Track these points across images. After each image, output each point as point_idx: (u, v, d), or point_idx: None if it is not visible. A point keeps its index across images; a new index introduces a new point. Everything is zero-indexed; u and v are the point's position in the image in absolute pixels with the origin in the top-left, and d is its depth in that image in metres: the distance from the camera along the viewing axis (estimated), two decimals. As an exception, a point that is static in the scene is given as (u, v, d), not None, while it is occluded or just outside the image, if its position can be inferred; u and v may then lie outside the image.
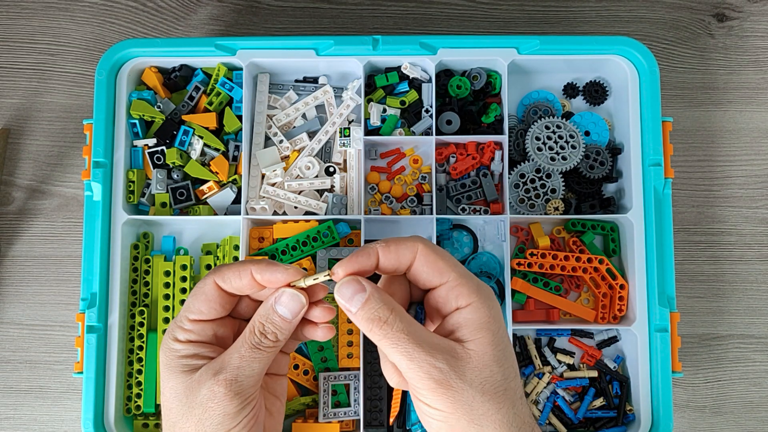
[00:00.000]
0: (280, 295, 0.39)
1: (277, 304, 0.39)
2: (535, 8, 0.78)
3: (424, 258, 0.38)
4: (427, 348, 0.36)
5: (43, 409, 0.72)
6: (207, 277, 0.39)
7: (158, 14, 0.77)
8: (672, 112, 0.76)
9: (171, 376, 0.38)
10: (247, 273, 0.38)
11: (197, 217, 0.68)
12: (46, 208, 0.75)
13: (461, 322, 0.37)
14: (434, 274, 0.38)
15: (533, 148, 0.69)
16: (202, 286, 0.39)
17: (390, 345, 0.36)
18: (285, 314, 0.38)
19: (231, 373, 0.37)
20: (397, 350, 0.36)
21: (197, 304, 0.39)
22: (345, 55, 0.68)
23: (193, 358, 0.39)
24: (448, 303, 0.38)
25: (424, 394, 0.36)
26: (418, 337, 0.36)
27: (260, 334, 0.38)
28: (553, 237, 0.71)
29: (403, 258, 0.38)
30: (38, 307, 0.74)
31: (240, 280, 0.39)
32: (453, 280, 0.38)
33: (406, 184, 0.71)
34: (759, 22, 0.78)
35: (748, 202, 0.75)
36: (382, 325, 0.36)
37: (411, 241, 0.38)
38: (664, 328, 0.64)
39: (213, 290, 0.39)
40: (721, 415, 0.73)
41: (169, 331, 0.40)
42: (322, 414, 0.64)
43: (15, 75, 0.77)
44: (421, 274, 0.38)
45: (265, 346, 0.38)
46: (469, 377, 0.36)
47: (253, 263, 0.39)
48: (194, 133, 0.69)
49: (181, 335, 0.39)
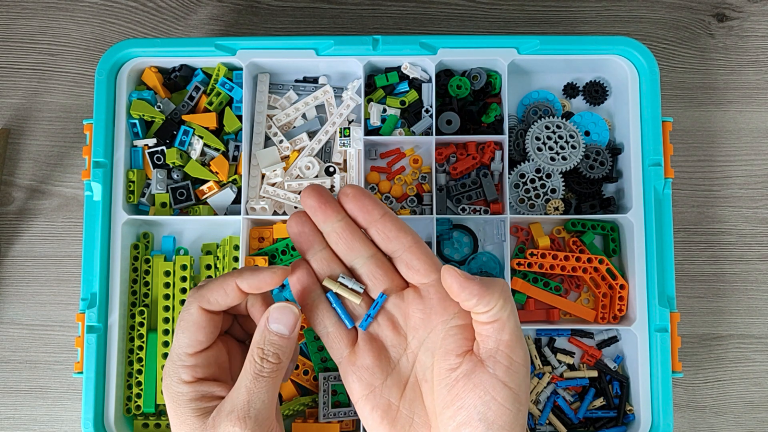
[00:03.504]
0: (270, 312, 0.37)
1: (271, 323, 0.37)
2: (535, 8, 0.78)
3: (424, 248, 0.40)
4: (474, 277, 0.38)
5: (43, 409, 0.72)
6: (189, 306, 0.37)
7: (158, 14, 0.77)
8: (672, 112, 0.76)
9: (184, 423, 0.37)
10: (231, 286, 0.37)
11: (197, 217, 0.68)
12: (46, 208, 0.75)
13: None
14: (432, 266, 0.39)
15: (533, 148, 0.69)
16: (189, 317, 0.37)
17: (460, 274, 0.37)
18: (281, 330, 0.37)
19: (242, 411, 0.36)
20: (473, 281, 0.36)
21: (192, 335, 0.37)
22: (345, 55, 0.68)
23: (203, 401, 0.37)
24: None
25: (498, 301, 0.36)
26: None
27: (261, 360, 0.37)
28: (553, 237, 0.71)
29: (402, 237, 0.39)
30: (38, 307, 0.74)
31: (226, 297, 0.37)
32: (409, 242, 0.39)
33: (406, 184, 0.71)
34: (759, 22, 0.78)
35: (748, 202, 0.75)
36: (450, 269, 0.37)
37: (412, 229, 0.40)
38: (664, 328, 0.64)
39: (201, 316, 0.37)
40: (721, 415, 0.73)
41: (170, 372, 0.38)
42: (322, 414, 0.64)
43: (15, 75, 0.77)
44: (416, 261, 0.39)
45: (269, 371, 0.36)
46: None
47: (234, 274, 0.37)
48: (194, 133, 0.69)
49: (186, 374, 0.37)
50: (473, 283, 0.36)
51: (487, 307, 0.36)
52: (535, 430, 0.68)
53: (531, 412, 0.68)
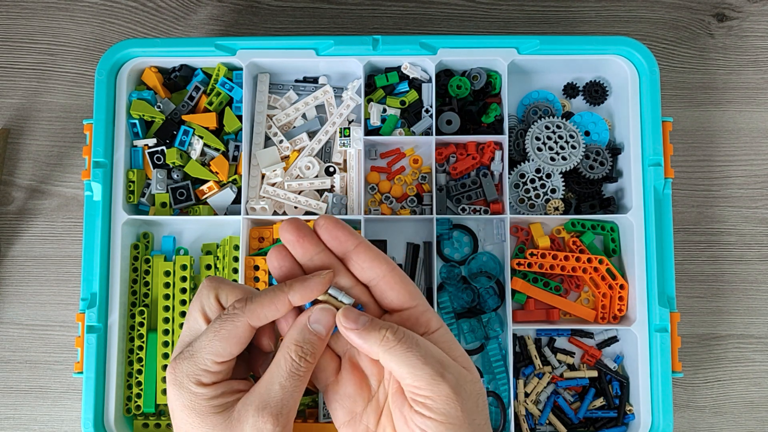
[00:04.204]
0: (312, 312, 0.37)
1: (312, 322, 0.37)
2: (535, 8, 0.78)
3: (399, 277, 0.38)
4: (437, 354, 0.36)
5: (43, 409, 0.72)
6: (236, 318, 0.36)
7: (158, 14, 0.77)
8: (672, 112, 0.76)
9: (203, 421, 0.36)
10: (283, 301, 0.37)
11: (197, 217, 0.68)
12: (46, 208, 0.75)
13: (439, 340, 0.38)
14: (405, 295, 0.38)
15: (533, 148, 0.69)
16: (234, 330, 0.36)
17: (405, 350, 0.36)
18: (320, 331, 0.37)
19: (276, 408, 0.36)
20: (412, 354, 0.35)
21: (230, 347, 0.36)
22: (345, 55, 0.68)
23: (222, 397, 0.37)
24: (419, 325, 0.38)
25: (437, 404, 0.35)
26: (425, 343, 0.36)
27: (299, 358, 0.37)
28: (553, 237, 0.71)
29: (376, 265, 0.38)
30: (38, 307, 0.74)
31: (276, 312, 0.37)
32: (422, 306, 0.38)
33: (406, 184, 0.71)
34: (759, 22, 0.78)
35: (748, 202, 0.75)
36: (395, 332, 0.36)
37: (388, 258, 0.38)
38: (664, 328, 0.64)
39: (246, 331, 0.37)
40: (721, 415, 0.73)
41: (188, 373, 0.37)
42: (322, 414, 0.64)
43: (15, 75, 0.77)
44: (390, 291, 0.38)
45: (304, 371, 0.37)
46: (469, 388, 0.36)
47: (284, 288, 0.37)
48: (194, 133, 0.69)
49: (207, 378, 0.36)
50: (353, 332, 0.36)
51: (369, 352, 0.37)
52: (535, 430, 0.68)
53: (531, 412, 0.68)
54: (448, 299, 0.68)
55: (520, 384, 0.68)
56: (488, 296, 0.69)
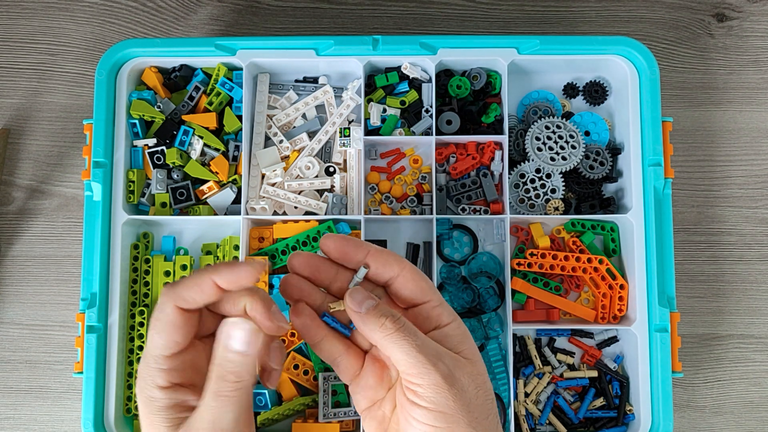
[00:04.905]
0: (225, 328, 0.35)
1: (227, 340, 0.35)
2: (535, 8, 0.78)
3: (410, 275, 0.39)
4: (434, 346, 0.37)
5: (43, 409, 0.72)
6: (163, 305, 0.35)
7: (158, 14, 0.77)
8: (672, 112, 0.76)
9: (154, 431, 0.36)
10: (208, 283, 0.35)
11: (197, 217, 0.68)
12: (46, 208, 0.75)
13: (449, 334, 0.38)
14: (417, 292, 0.39)
15: (533, 148, 0.69)
16: (164, 317, 0.35)
17: (401, 338, 0.36)
18: (240, 348, 0.35)
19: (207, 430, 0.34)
20: (407, 342, 0.36)
21: (168, 336, 0.35)
22: (345, 55, 0.68)
23: (176, 410, 0.36)
24: (430, 320, 0.39)
25: (426, 392, 0.36)
26: (423, 336, 0.37)
27: (219, 379, 0.35)
28: (553, 237, 0.71)
29: (389, 268, 0.39)
30: (38, 307, 0.74)
31: (202, 294, 0.35)
32: (435, 301, 0.39)
33: (406, 184, 0.71)
34: (759, 22, 0.78)
35: (748, 202, 0.75)
36: (395, 320, 0.36)
37: (401, 258, 0.39)
38: (664, 328, 0.64)
39: (177, 316, 0.35)
40: (721, 415, 0.73)
41: (144, 375, 0.36)
42: (322, 414, 0.64)
43: (15, 75, 0.77)
44: (404, 290, 0.39)
45: (230, 391, 0.35)
46: (466, 380, 0.37)
47: (210, 270, 0.35)
48: (194, 133, 0.69)
49: (161, 378, 0.35)
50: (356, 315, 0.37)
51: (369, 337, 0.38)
52: (535, 430, 0.68)
53: (531, 412, 0.68)
54: (448, 299, 0.68)
55: (520, 384, 0.68)
56: (488, 296, 0.69)
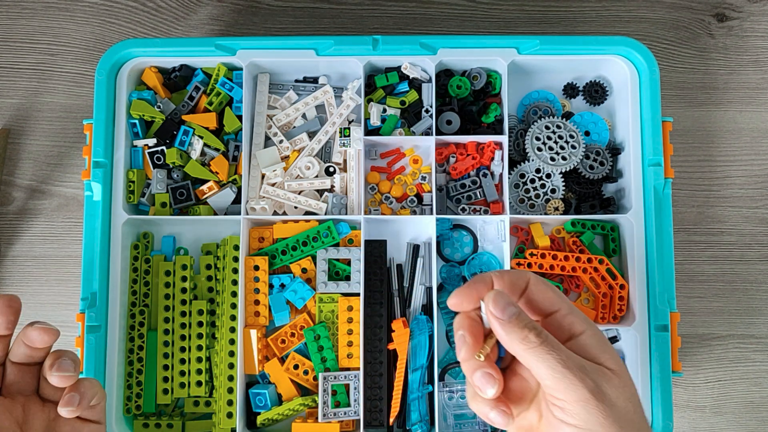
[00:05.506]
0: None
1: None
2: (535, 8, 0.78)
3: (536, 286, 0.39)
4: (577, 359, 0.36)
5: (43, 409, 0.72)
6: None
7: (158, 14, 0.77)
8: (672, 112, 0.76)
9: None
10: None
11: (197, 217, 0.68)
12: (46, 208, 0.75)
13: (586, 343, 0.38)
14: (545, 302, 0.39)
15: (533, 148, 0.69)
16: None
17: (545, 352, 0.36)
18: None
19: None
20: (552, 357, 0.35)
21: None
22: (345, 55, 0.68)
23: None
24: (562, 330, 0.38)
25: (574, 408, 0.35)
26: (566, 350, 0.36)
27: None
28: (553, 237, 0.71)
29: (515, 286, 0.39)
30: (38, 307, 0.74)
31: None
32: (564, 309, 0.39)
33: (406, 184, 0.71)
34: (759, 22, 0.78)
35: (748, 202, 0.75)
36: (538, 333, 0.36)
37: (522, 272, 0.40)
38: (664, 328, 0.64)
39: None
40: (721, 415, 0.73)
41: None
42: (322, 414, 0.64)
43: (15, 75, 0.77)
44: (534, 302, 0.40)
45: None
46: (615, 393, 0.36)
47: None
48: (194, 133, 0.69)
49: None
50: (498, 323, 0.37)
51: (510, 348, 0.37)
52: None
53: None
54: (448, 299, 0.68)
55: (520, 384, 0.68)
56: (488, 296, 0.69)
